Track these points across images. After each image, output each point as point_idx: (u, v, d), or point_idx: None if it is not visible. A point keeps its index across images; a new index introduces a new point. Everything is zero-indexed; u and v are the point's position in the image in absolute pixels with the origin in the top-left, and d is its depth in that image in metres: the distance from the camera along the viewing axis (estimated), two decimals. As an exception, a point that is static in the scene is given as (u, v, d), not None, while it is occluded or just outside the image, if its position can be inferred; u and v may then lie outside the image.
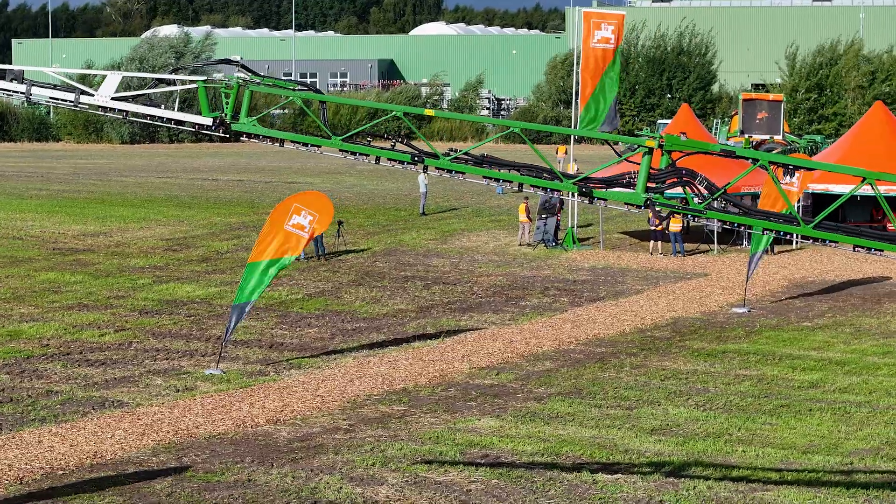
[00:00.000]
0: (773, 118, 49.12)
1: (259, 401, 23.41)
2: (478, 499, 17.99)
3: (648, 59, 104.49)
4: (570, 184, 13.85)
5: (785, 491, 18.33)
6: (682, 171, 13.46)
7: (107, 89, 14.06)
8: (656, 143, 13.41)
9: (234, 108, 14.13)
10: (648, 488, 18.42)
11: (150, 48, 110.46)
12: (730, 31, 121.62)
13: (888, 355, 27.60)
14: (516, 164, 14.10)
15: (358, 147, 14.29)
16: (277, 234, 25.77)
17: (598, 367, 26.22)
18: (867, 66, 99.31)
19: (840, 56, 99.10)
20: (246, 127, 14.25)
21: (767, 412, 22.77)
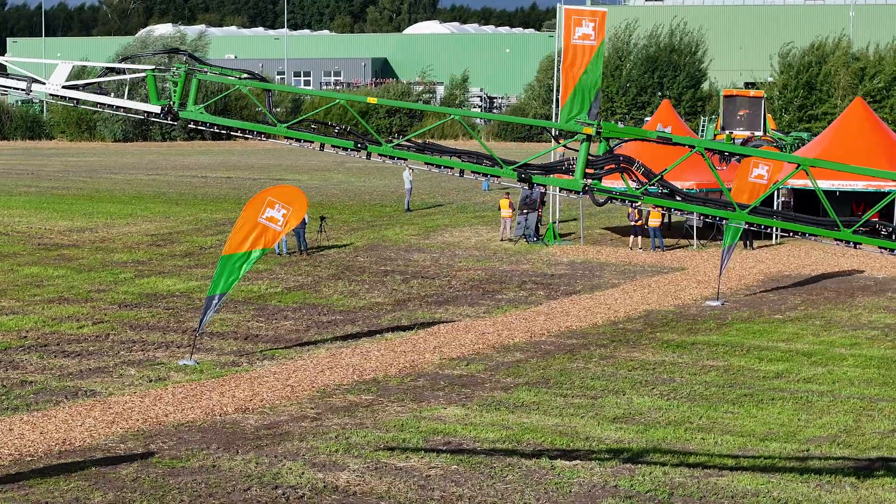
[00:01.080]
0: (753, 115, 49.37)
1: (229, 390, 23.71)
2: (436, 484, 18.30)
3: (640, 57, 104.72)
4: (510, 170, 14.16)
5: (739, 476, 18.64)
6: (620, 157, 13.78)
7: (58, 78, 14.39)
8: (594, 131, 13.73)
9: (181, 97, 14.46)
10: (605, 474, 18.73)
11: (143, 47, 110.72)
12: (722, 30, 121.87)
13: (855, 346, 27.92)
14: (458, 151, 14.42)
15: (302, 134, 14.62)
16: (251, 227, 26.06)
17: (567, 358, 26.54)
18: (856, 64, 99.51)
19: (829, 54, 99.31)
20: (193, 115, 14.56)
21: (730, 401, 23.09)
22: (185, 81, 14.43)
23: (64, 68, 14.36)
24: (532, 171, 14.18)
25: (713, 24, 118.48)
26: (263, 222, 25.88)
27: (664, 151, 17.49)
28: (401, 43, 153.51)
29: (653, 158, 17.53)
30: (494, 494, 17.83)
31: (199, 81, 14.42)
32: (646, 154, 37.01)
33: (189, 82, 14.52)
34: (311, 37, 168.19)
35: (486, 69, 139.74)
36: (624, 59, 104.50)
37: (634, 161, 13.90)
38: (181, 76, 14.43)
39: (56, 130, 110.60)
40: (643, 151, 17.90)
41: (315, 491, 17.99)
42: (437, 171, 14.65)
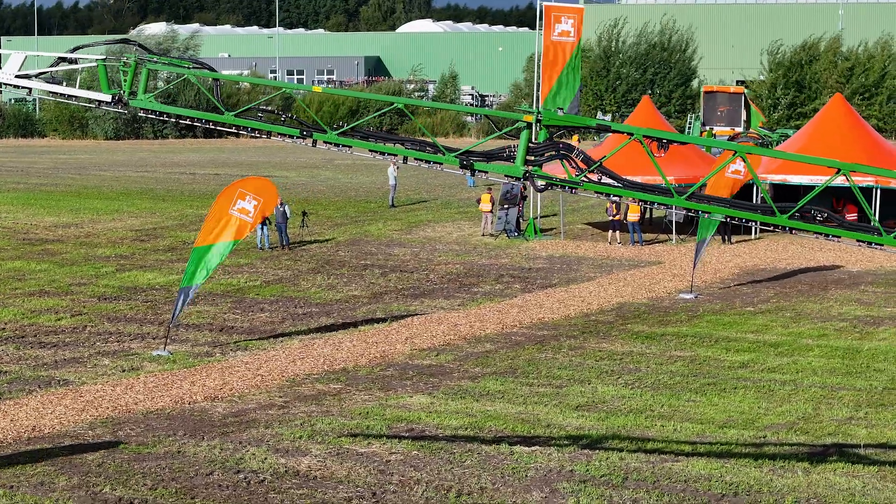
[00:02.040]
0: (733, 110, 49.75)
1: (200, 379, 24.02)
2: (395, 468, 18.62)
3: (630, 55, 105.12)
4: (453, 157, 14.47)
5: (694, 462, 18.96)
6: (560, 144, 14.10)
7: (11, 67, 14.73)
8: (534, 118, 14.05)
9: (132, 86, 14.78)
10: (562, 459, 19.06)
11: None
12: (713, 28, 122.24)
13: (823, 338, 28.23)
14: (402, 139, 14.73)
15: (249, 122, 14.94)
16: (223, 219, 26.37)
17: (536, 349, 26.86)
18: (845, 63, 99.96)
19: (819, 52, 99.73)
20: (143, 103, 14.88)
21: (693, 390, 23.42)
22: (135, 71, 14.77)
23: (17, 58, 14.69)
24: (474, 158, 14.51)
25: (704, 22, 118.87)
26: (235, 214, 26.19)
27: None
28: (394, 41, 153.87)
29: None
30: (452, 479, 18.15)
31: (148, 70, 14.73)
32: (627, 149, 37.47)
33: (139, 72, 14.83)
34: (305, 35, 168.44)
35: (479, 67, 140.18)
36: (613, 57, 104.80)
37: (574, 148, 14.23)
38: (131, 66, 14.77)
39: (49, 128, 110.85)
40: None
41: (276, 476, 18.31)
42: (380, 157, 14.97)
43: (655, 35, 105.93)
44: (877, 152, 44.27)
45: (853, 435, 20.55)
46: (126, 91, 14.65)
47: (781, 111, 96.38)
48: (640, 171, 34.22)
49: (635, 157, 32.23)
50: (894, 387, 23.73)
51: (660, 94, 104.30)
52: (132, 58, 14.60)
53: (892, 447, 19.90)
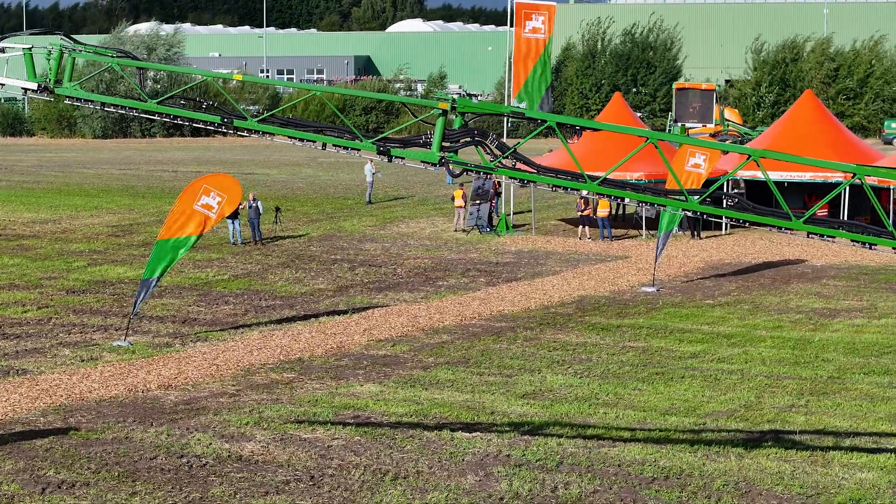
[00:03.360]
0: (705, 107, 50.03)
1: (156, 369, 24.35)
2: (335, 453, 18.97)
3: (615, 54, 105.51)
4: (370, 143, 14.83)
5: (631, 447, 19.31)
6: (475, 131, 14.45)
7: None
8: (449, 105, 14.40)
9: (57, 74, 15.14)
10: (501, 444, 19.40)
11: (119, 44, 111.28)
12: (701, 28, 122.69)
13: (777, 329, 28.58)
14: (321, 126, 15.09)
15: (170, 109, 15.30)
16: (187, 214, 26.70)
17: (491, 340, 27.20)
18: (830, 64, 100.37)
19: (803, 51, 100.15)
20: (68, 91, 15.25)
21: (641, 379, 23.76)
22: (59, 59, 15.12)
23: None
24: (391, 145, 14.86)
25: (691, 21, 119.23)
26: (199, 209, 26.53)
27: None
28: (384, 41, 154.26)
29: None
30: (390, 463, 18.50)
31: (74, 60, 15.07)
32: (600, 141, 37.70)
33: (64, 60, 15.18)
34: (295, 35, 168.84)
35: (469, 66, 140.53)
36: (598, 57, 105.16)
37: (488, 135, 14.58)
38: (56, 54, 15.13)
39: (37, 127, 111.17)
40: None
41: (219, 460, 18.65)
42: (300, 143, 15.32)
43: (641, 34, 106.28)
44: (846, 148, 44.65)
45: (791, 422, 20.90)
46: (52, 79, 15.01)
47: (766, 109, 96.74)
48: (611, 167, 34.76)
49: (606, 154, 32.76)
50: (839, 376, 24.08)
51: (644, 93, 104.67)
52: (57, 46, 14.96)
53: (828, 433, 20.26)
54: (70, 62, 15.21)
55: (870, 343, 27.02)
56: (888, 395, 22.63)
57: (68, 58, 15.20)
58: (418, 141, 14.83)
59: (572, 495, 17.15)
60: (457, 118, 14.54)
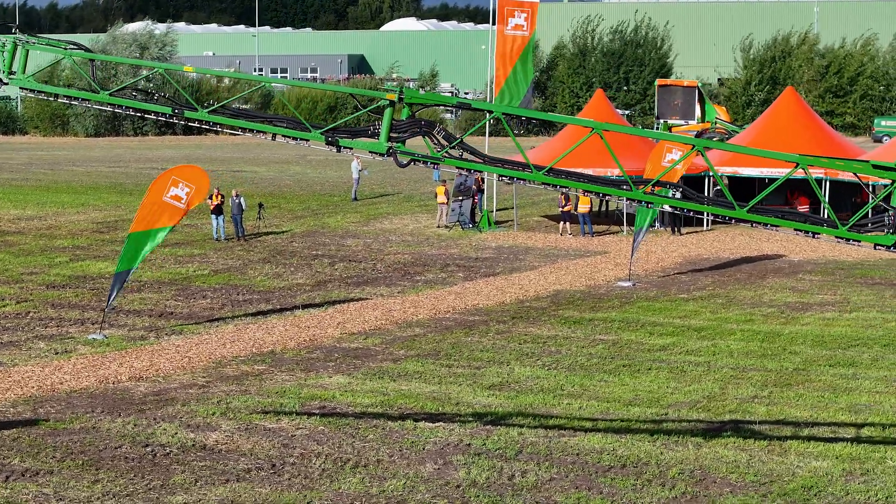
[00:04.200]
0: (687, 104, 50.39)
1: (128, 361, 24.58)
2: (298, 442, 19.21)
3: (605, 52, 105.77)
4: (318, 133, 15.05)
5: (591, 436, 19.54)
6: (422, 121, 14.68)
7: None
8: (396, 96, 14.64)
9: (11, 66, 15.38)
10: (462, 434, 19.64)
11: (113, 42, 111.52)
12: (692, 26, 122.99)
13: (748, 322, 28.81)
14: (270, 117, 15.32)
15: (123, 100, 15.55)
16: (157, 206, 26.92)
17: (463, 333, 27.43)
18: (820, 61, 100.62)
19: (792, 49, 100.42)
20: (21, 82, 15.50)
21: (607, 371, 23.99)
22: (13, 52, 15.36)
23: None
24: (339, 135, 15.09)
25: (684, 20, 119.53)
26: (168, 201, 26.76)
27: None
28: (378, 40, 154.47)
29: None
30: (351, 451, 18.73)
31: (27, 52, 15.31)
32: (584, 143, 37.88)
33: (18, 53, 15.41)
34: (289, 34, 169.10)
35: (462, 65, 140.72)
36: (588, 55, 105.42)
37: (436, 125, 14.82)
38: (10, 47, 15.37)
39: (30, 125, 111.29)
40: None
41: (183, 449, 18.88)
42: (250, 135, 15.56)
43: (630, 32, 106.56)
44: (827, 144, 44.86)
45: (752, 412, 21.13)
46: (5, 71, 15.26)
47: (755, 107, 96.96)
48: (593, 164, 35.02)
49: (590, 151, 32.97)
50: (805, 368, 24.32)
51: (634, 91, 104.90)
52: (10, 39, 15.20)
53: (788, 423, 20.50)
54: (23, 54, 15.45)
55: (838, 336, 27.26)
56: (851, 387, 22.87)
57: (22, 50, 15.45)
58: (367, 132, 15.07)
59: (529, 483, 17.39)
60: (404, 109, 14.77)
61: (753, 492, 17.09)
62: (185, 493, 16.97)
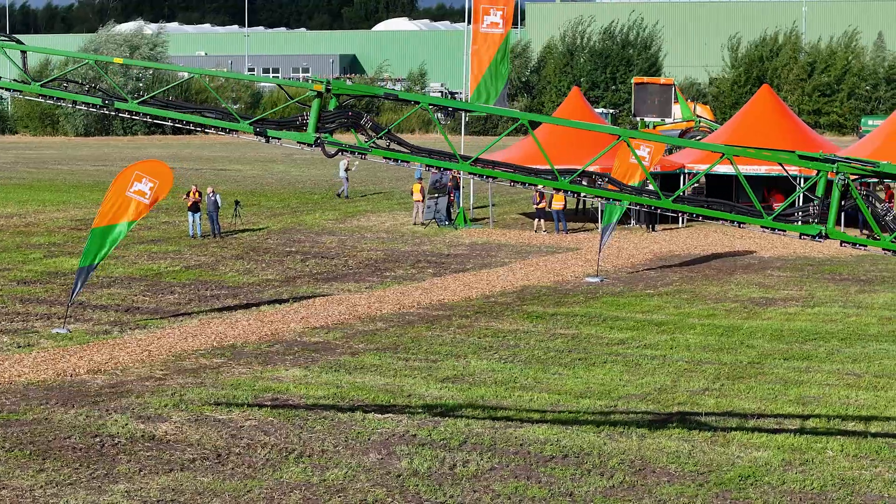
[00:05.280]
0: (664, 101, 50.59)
1: (88, 355, 24.74)
2: (246, 433, 19.38)
3: (594, 52, 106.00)
4: (247, 124, 15.24)
5: (536, 428, 19.71)
6: (349, 112, 14.87)
7: None
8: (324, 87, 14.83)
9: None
10: (410, 425, 19.81)
11: (104, 42, 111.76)
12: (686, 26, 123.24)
13: (710, 317, 28.99)
14: (200, 108, 15.51)
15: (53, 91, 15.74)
16: (120, 201, 27.09)
17: (425, 328, 27.60)
18: (805, 59, 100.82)
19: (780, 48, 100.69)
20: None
21: (562, 364, 24.16)
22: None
23: None
24: (267, 126, 15.28)
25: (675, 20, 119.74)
26: (131, 195, 26.93)
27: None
28: (370, 40, 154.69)
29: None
30: (297, 441, 18.91)
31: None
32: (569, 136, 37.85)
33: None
34: (282, 34, 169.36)
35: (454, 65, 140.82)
36: (577, 54, 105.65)
37: (363, 116, 15.01)
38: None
39: (20, 125, 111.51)
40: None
41: (131, 440, 19.05)
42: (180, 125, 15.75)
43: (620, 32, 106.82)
44: (802, 140, 45.07)
45: (701, 404, 21.31)
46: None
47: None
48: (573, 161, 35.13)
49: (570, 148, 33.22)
50: (759, 361, 24.50)
51: (622, 91, 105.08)
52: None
53: (735, 415, 20.67)
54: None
55: (797, 330, 27.45)
56: (802, 379, 23.06)
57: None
58: (295, 122, 15.26)
59: (469, 472, 17.56)
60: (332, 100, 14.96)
61: (691, 481, 17.25)
62: (128, 482, 17.14)
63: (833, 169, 14.57)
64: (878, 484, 17.16)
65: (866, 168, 14.55)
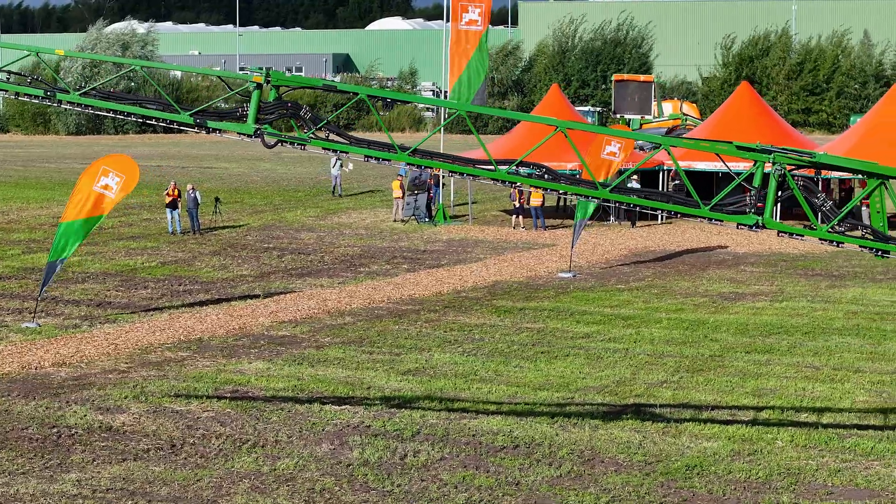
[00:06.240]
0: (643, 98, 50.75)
1: (55, 348, 24.89)
2: (202, 424, 19.54)
3: (585, 50, 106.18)
4: (187, 115, 15.42)
5: (491, 419, 19.88)
6: (288, 103, 15.05)
7: None
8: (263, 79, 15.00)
9: None
10: (365, 416, 19.97)
11: (96, 42, 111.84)
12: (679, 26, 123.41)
13: (678, 312, 29.15)
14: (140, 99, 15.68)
15: (-3, 83, 15.94)
16: (87, 196, 27.25)
17: (393, 322, 27.76)
18: (795, 58, 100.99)
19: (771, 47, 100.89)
20: None
21: (525, 357, 24.32)
22: None
23: None
24: (207, 117, 15.45)
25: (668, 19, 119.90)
26: (98, 190, 27.09)
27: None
28: (363, 39, 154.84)
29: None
30: (252, 432, 19.08)
31: None
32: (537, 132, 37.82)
33: None
34: (275, 33, 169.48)
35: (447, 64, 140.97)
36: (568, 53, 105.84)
37: (302, 107, 15.19)
38: None
39: (11, 123, 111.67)
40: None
41: (88, 430, 19.21)
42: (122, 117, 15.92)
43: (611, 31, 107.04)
44: (782, 137, 45.21)
45: (658, 396, 21.47)
46: None
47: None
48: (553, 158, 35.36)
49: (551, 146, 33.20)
50: (721, 354, 24.66)
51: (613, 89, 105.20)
52: None
53: (690, 407, 20.83)
54: None
55: (763, 324, 27.61)
56: (761, 372, 23.22)
57: None
58: (235, 114, 15.44)
59: (419, 462, 17.72)
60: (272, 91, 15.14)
61: (637, 471, 17.42)
62: (80, 471, 17.30)
63: (769, 159, 14.74)
64: (823, 473, 17.32)
65: (802, 159, 14.72)
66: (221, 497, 16.30)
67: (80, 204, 27.19)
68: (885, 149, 41.62)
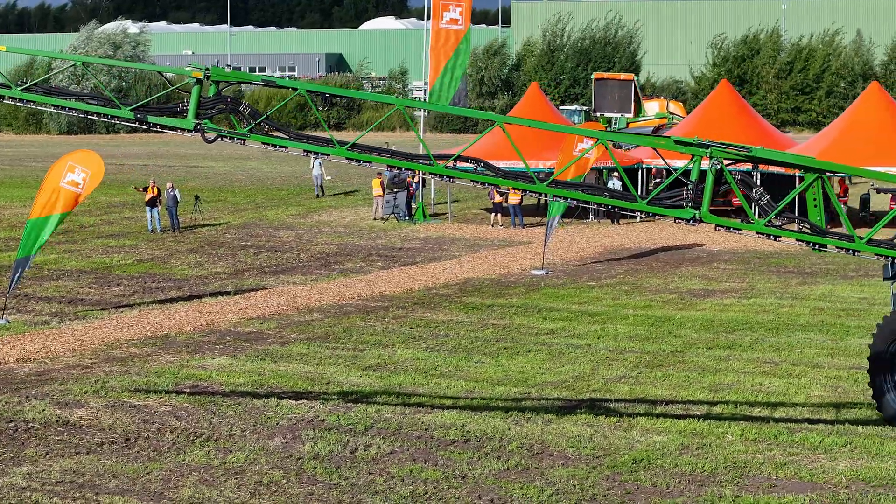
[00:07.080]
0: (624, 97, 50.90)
1: (21, 344, 25.04)
2: (159, 418, 19.70)
3: (575, 49, 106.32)
4: (127, 110, 15.59)
5: (445, 413, 20.02)
6: (227, 99, 15.21)
7: None
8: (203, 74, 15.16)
9: None
10: (322, 410, 20.13)
11: (88, 41, 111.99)
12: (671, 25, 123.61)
13: (646, 308, 29.30)
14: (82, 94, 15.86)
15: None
16: (54, 192, 27.40)
17: (360, 318, 27.91)
18: (784, 57, 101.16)
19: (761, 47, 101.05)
20: None
21: (487, 353, 24.47)
22: None
23: None
24: (148, 112, 15.62)
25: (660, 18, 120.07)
26: (65, 186, 27.25)
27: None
28: (356, 39, 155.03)
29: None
30: (207, 426, 19.23)
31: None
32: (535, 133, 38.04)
33: None
34: (269, 33, 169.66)
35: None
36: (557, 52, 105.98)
37: (241, 102, 15.36)
38: None
39: (3, 123, 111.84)
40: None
41: (45, 424, 19.36)
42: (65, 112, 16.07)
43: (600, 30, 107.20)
44: (761, 136, 45.39)
45: (615, 391, 21.62)
46: None
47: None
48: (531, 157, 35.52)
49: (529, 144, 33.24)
50: (682, 350, 24.82)
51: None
52: None
53: (645, 402, 20.97)
54: None
55: (728, 320, 27.76)
56: (720, 367, 23.37)
57: None
58: (175, 109, 15.60)
59: (369, 455, 17.87)
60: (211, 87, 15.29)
61: (585, 464, 17.56)
62: (32, 464, 17.45)
63: (707, 153, 14.89)
64: (769, 467, 17.47)
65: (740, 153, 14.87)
66: (169, 489, 16.45)
67: (48, 200, 27.34)
68: (861, 146, 41.86)
